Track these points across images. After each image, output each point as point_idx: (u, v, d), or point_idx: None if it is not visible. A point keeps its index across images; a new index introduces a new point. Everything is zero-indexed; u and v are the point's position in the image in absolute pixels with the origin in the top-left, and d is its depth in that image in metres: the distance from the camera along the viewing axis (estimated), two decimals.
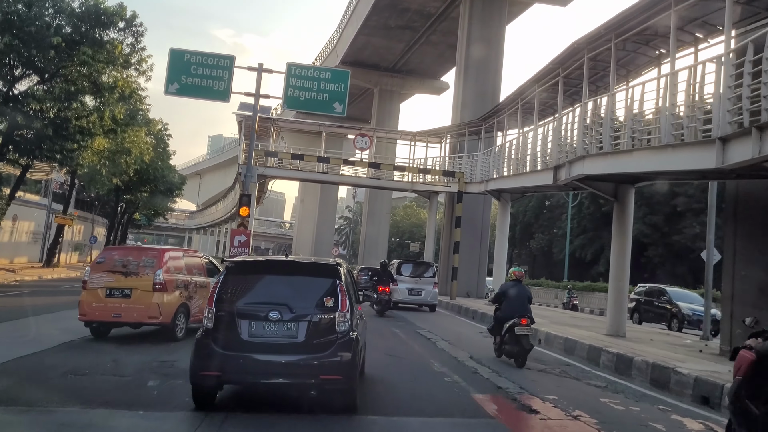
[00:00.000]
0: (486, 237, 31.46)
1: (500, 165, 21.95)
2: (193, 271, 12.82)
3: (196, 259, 13.28)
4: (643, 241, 46.91)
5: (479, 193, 25.03)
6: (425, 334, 13.97)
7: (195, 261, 13.16)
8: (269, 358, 6.29)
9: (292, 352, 6.29)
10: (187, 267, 12.62)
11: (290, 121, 33.00)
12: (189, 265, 12.72)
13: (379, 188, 36.42)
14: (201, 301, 12.56)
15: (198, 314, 12.46)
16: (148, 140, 39.14)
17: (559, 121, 14.76)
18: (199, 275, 12.96)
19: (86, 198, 48.95)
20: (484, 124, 24.66)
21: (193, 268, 12.88)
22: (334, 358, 6.30)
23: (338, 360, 6.31)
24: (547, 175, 15.41)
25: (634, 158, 10.50)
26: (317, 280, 6.77)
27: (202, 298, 12.61)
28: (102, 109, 23.82)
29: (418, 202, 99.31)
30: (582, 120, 13.02)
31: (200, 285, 12.76)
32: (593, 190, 14.22)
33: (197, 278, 12.76)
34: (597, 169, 12.25)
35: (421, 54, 47.37)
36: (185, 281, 12.26)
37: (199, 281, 12.76)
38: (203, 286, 12.77)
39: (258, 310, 6.43)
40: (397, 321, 17.45)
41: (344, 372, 6.34)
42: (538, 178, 16.75)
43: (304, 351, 6.29)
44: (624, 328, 13.63)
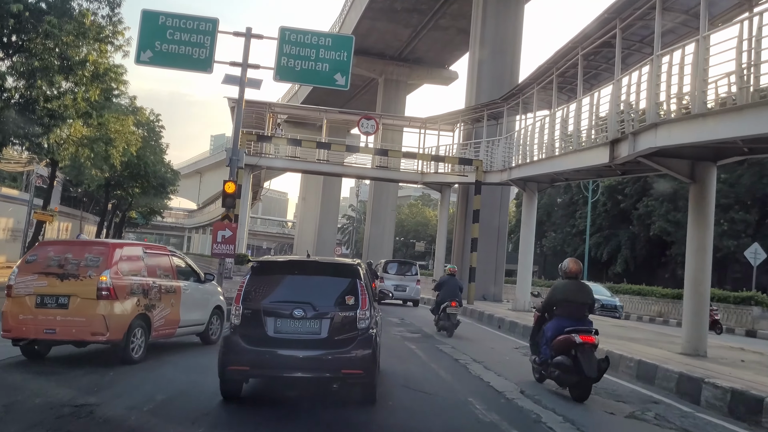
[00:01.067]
0: (503, 234, 28.63)
1: (527, 149, 19.06)
2: (157, 273, 10.04)
3: (163, 258, 10.45)
4: (665, 240, 44.27)
5: (500, 183, 22.16)
6: (449, 352, 11.17)
7: (161, 260, 10.35)
8: (294, 353, 6.57)
9: (315, 348, 6.61)
10: (149, 268, 9.84)
11: (288, 107, 30.13)
12: (151, 266, 9.94)
13: (385, 180, 33.49)
14: (168, 310, 9.90)
15: (164, 327, 9.75)
16: (136, 131, 36.47)
17: (618, 85, 11.92)
18: (166, 278, 10.20)
19: (72, 194, 46.22)
20: (506, 105, 21.76)
21: (158, 269, 10.10)
22: (356, 354, 6.60)
23: (359, 355, 6.60)
24: (600, 153, 12.53)
25: (744, 118, 7.67)
26: (338, 280, 7.09)
27: (169, 306, 9.94)
28: (75, 90, 21.07)
29: (424, 201, 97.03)
30: (654, 77, 10.19)
31: (167, 290, 10.00)
32: (663, 169, 11.33)
33: (163, 282, 10.00)
34: (678, 139, 9.38)
35: (429, 40, 44.54)
36: (145, 285, 9.49)
37: (165, 285, 10.00)
38: (171, 292, 10.07)
39: (283, 308, 6.73)
40: (409, 330, 14.66)
41: (365, 367, 6.64)
42: (586, 157, 13.73)
43: (326, 347, 6.62)
44: (705, 346, 10.77)
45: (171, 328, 10.10)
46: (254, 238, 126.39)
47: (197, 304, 10.92)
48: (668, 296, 30.26)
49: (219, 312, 11.67)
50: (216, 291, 11.88)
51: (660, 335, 15.11)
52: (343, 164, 28.20)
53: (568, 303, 8.22)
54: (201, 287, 11.15)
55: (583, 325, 7.97)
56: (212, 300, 11.46)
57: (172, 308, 10.04)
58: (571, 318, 8.10)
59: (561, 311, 8.26)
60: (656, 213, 42.85)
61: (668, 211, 42.42)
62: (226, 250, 15.07)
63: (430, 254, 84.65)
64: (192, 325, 10.76)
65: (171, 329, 10.12)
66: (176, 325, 10.22)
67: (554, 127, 16.48)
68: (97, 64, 20.34)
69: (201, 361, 9.70)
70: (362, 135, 30.79)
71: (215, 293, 11.74)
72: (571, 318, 8.10)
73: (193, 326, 10.85)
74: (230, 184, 15.05)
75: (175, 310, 10.14)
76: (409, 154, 25.21)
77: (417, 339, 13.09)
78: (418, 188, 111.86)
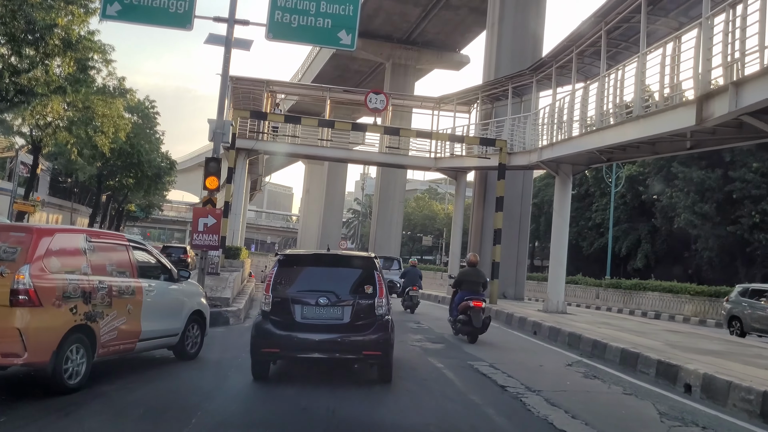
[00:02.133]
0: (525, 226, 26.02)
1: (565, 125, 16.37)
2: (108, 270, 7.56)
3: (117, 251, 7.90)
4: (690, 233, 41.73)
5: (527, 167, 19.57)
6: (488, 373, 8.55)
7: (114, 253, 7.83)
8: (320, 337, 7.41)
9: (338, 332, 7.46)
10: (95, 263, 7.36)
11: (287, 85, 27.52)
12: (99, 260, 7.47)
13: (395, 166, 30.84)
14: (124, 318, 7.53)
15: (117, 341, 7.46)
16: (127, 116, 34.04)
17: (707, 25, 9.30)
18: (121, 276, 7.75)
19: (62, 184, 43.84)
20: (534, 76, 19.10)
21: (109, 265, 7.61)
22: (374, 337, 7.48)
23: (378, 338, 7.49)
24: (680, 115, 9.86)
25: None
26: (358, 271, 7.91)
27: (125, 314, 7.54)
28: (47, 62, 18.62)
29: (431, 194, 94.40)
30: None
31: (121, 292, 7.56)
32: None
33: (116, 281, 7.55)
34: None
35: (440, 21, 41.86)
36: (86, 287, 7.04)
37: (119, 286, 7.55)
38: (128, 295, 7.66)
39: (309, 296, 7.54)
40: (429, 339, 12.16)
41: (383, 348, 7.51)
42: (657, 124, 10.78)
43: (348, 331, 7.49)
44: None
45: (128, 341, 7.67)
46: (258, 232, 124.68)
47: (167, 310, 8.50)
48: (704, 294, 27.67)
49: (199, 318, 9.25)
50: (195, 292, 9.44)
51: (731, 344, 12.55)
52: (348, 147, 25.56)
53: (469, 282, 12.41)
54: (173, 288, 8.76)
55: (477, 296, 12.03)
56: (189, 303, 9.02)
57: (129, 316, 7.61)
58: (470, 291, 12.19)
59: (465, 287, 12.39)
60: (681, 205, 40.25)
61: (694, 202, 39.85)
62: (208, 241, 12.56)
63: (438, 249, 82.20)
64: (160, 336, 8.36)
65: (128, 343, 7.68)
66: (136, 338, 7.80)
67: (603, 94, 13.80)
68: (69, 30, 17.86)
69: (171, 385, 7.45)
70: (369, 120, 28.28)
71: (193, 295, 9.30)
72: (470, 291, 12.19)
73: (162, 338, 8.44)
74: (212, 179, 12.63)
75: (133, 318, 7.70)
76: (423, 133, 22.51)
77: (441, 352, 10.57)
78: (425, 182, 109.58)
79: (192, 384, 7.57)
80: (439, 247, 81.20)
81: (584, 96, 15.16)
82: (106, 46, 30.52)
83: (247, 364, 7.72)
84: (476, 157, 22.28)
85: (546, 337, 12.96)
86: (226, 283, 14.46)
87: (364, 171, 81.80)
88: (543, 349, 11.62)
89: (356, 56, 46.50)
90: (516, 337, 13.33)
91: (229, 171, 18.53)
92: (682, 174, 40.26)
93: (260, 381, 7.54)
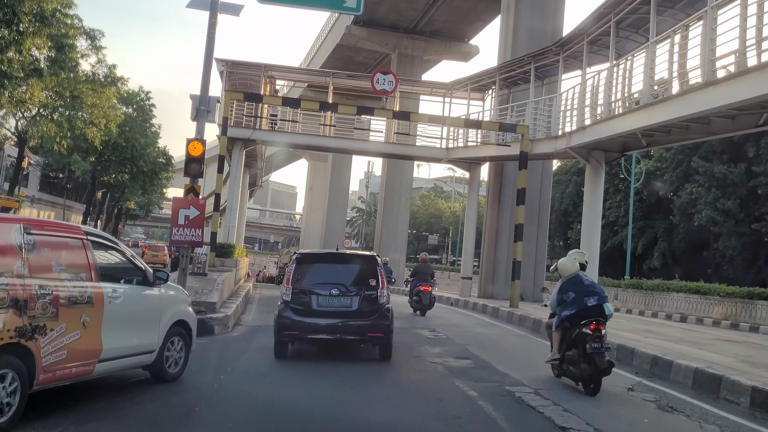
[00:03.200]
0: (545, 221, 24.17)
1: (598, 106, 14.45)
2: (54, 271, 5.81)
3: (70, 249, 6.15)
4: (712, 231, 39.93)
5: (552, 154, 17.68)
6: (539, 406, 6.53)
7: (65, 251, 6.09)
8: (332, 321, 9.03)
9: (347, 317, 9.06)
10: (34, 262, 5.59)
11: (287, 69, 25.62)
12: (41, 259, 5.71)
13: (403, 157, 28.92)
14: (77, 333, 5.83)
15: (67, 363, 5.77)
16: (118, 105, 32.35)
17: None
18: (75, 279, 6.01)
19: (54, 179, 42.13)
20: (562, 52, 17.17)
21: (56, 265, 5.89)
22: (377, 322, 9.08)
23: (380, 323, 9.09)
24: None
25: None
26: (363, 267, 9.56)
27: (78, 327, 5.85)
28: (19, 40, 16.84)
29: (436, 192, 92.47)
30: None
31: (74, 299, 5.84)
32: None
33: (65, 286, 5.82)
34: None
35: (448, 9, 39.95)
36: (19, 293, 5.32)
37: (69, 292, 5.82)
38: (82, 303, 5.97)
39: (322, 288, 9.10)
40: (452, 354, 10.31)
41: (384, 331, 9.13)
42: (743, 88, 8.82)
43: (356, 317, 9.07)
44: None
45: (83, 363, 5.97)
46: (260, 231, 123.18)
47: (139, 321, 6.84)
48: (735, 295, 25.76)
49: (183, 329, 7.57)
50: (177, 298, 7.73)
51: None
52: (353, 136, 23.69)
53: (420, 273, 16.93)
54: (148, 293, 7.03)
55: (426, 283, 16.42)
56: (169, 312, 7.34)
57: (84, 330, 5.93)
58: (421, 280, 16.62)
59: (417, 276, 16.82)
60: (702, 201, 38.44)
61: (716, 198, 38.04)
62: (190, 237, 10.76)
63: (444, 248, 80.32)
64: (129, 354, 6.66)
65: (83, 365, 5.98)
66: (95, 358, 6.10)
67: (653, 63, 11.86)
68: (42, 2, 16.07)
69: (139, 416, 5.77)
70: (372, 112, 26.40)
71: (175, 301, 7.59)
72: (421, 280, 16.62)
73: (131, 356, 6.72)
74: (195, 144, 10.76)
75: (91, 332, 6.02)
76: (435, 118, 20.60)
77: (469, 372, 8.61)
78: (431, 180, 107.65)
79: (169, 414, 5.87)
80: (445, 246, 79.40)
81: (626, 69, 13.09)
82: (95, 31, 28.77)
83: (230, 388, 7.07)
84: (494, 146, 20.39)
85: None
86: (213, 285, 12.64)
87: (368, 169, 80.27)
88: None
89: (360, 47, 44.78)
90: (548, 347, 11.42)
91: (220, 159, 16.75)
92: (702, 169, 38.51)
93: (281, 359, 9.05)
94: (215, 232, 17.47)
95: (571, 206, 52.83)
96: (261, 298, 20.18)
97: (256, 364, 8.68)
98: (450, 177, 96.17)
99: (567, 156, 18.20)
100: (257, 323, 13.03)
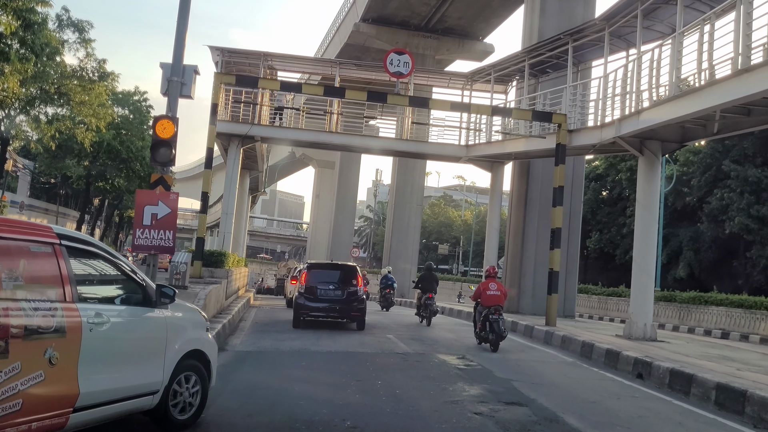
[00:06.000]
0: (576, 226, 21.72)
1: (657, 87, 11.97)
2: (4, 287, 4.05)
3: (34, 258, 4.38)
4: (745, 239, 37.40)
5: (595, 147, 15.11)
6: None
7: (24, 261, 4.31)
8: (329, 305, 14.48)
9: (339, 303, 14.51)
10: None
11: (289, 58, 23.22)
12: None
13: (417, 156, 26.42)
14: (37, 376, 4.10)
15: (18, 417, 3.99)
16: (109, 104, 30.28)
17: None
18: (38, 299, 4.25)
19: (45, 185, 40.06)
20: (607, 26, 14.58)
21: (6, 278, 4.09)
22: (357, 306, 14.53)
23: (358, 307, 14.55)
24: None
25: None
26: (348, 272, 15.27)
27: (42, 365, 4.14)
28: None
29: (446, 201, 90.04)
30: None
31: (33, 330, 4.11)
32: None
33: (20, 309, 4.07)
34: None
35: (462, 5, 37.72)
36: None
37: (27, 319, 4.09)
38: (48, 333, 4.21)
39: (323, 284, 14.58)
40: (498, 396, 7.84)
41: (361, 312, 14.61)
42: None
43: (344, 303, 14.52)
44: None
45: (50, 414, 4.24)
46: (267, 240, 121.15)
47: (135, 353, 5.06)
48: None
49: (198, 362, 5.72)
50: (189, 321, 5.81)
51: None
52: (361, 132, 21.43)
53: (425, 281, 17.17)
54: (147, 317, 5.21)
55: (432, 291, 16.89)
56: (179, 340, 5.49)
57: (51, 369, 4.23)
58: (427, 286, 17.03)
59: (423, 285, 17.14)
60: (734, 206, 35.93)
61: (750, 204, 35.56)
62: (158, 241, 8.38)
63: (455, 257, 77.76)
64: (118, 399, 4.81)
65: (51, 417, 4.25)
66: (68, 406, 4.36)
67: (746, 21, 9.36)
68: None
69: None
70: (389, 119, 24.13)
71: (186, 326, 5.72)
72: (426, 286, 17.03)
73: (124, 401, 4.86)
74: (165, 124, 8.45)
75: (61, 371, 4.30)
76: (458, 105, 18.13)
77: (532, 427, 6.20)
78: (440, 188, 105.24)
79: None
80: (455, 256, 76.87)
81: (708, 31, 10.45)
82: (83, 23, 26.65)
83: None
84: (523, 140, 17.94)
85: (665, 385, 8.54)
86: (194, 300, 10.24)
87: (376, 177, 78.32)
88: (691, 417, 7.17)
89: (369, 46, 42.65)
90: (618, 384, 8.87)
91: (207, 152, 14.46)
92: (735, 172, 36.07)
93: (297, 328, 14.16)
94: (202, 238, 15.12)
95: (590, 214, 50.33)
96: (259, 312, 17.85)
97: (230, 416, 6.16)
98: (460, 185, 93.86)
99: (612, 149, 15.81)
100: (247, 347, 10.63)
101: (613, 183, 48.00)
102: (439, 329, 15.81)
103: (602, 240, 49.62)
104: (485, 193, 78.27)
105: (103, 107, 28.03)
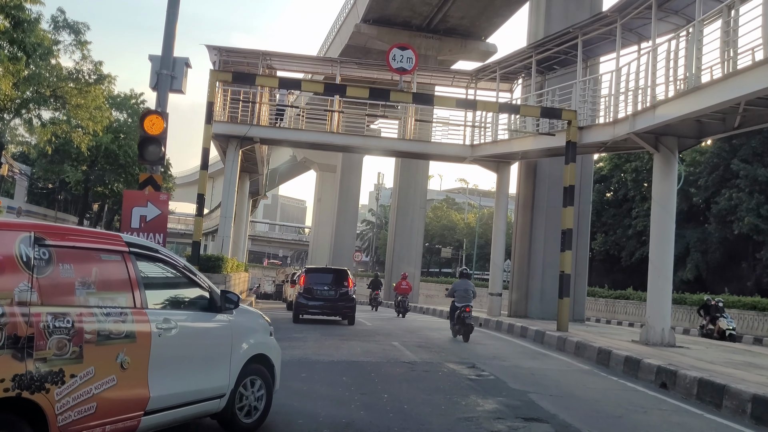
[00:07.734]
0: (585, 227, 21.16)
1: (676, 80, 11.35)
2: (77, 295, 4.13)
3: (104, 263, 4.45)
4: (753, 240, 36.83)
5: (607, 144, 14.53)
6: None
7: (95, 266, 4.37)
8: (324, 304, 17.25)
9: (332, 301, 17.23)
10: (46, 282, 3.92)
11: (288, 57, 22.63)
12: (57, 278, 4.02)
13: (420, 156, 25.92)
14: (111, 380, 4.20)
15: (93, 421, 4.09)
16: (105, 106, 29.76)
17: None
18: (109, 306, 4.35)
19: (43, 190, 39.56)
20: (620, 18, 13.96)
21: (80, 286, 4.16)
22: (348, 304, 17.29)
23: (349, 305, 17.32)
24: None
25: None
26: (340, 274, 18.00)
27: (115, 370, 4.25)
28: None
29: (449, 203, 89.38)
30: None
31: (106, 334, 4.23)
32: None
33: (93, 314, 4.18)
34: None
35: (464, 4, 37.24)
36: (19, 327, 3.67)
37: (100, 324, 4.20)
38: (119, 337, 4.32)
39: (319, 285, 17.24)
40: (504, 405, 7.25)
41: (352, 309, 17.35)
42: None
43: (336, 301, 17.24)
44: None
45: (123, 417, 4.33)
46: (269, 245, 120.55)
47: (202, 357, 5.16)
48: None
49: (263, 366, 5.84)
50: (253, 325, 5.96)
51: None
52: (363, 132, 20.91)
53: (460, 290, 15.03)
54: (212, 321, 5.32)
55: (467, 302, 14.62)
56: (244, 344, 5.61)
57: (123, 373, 4.32)
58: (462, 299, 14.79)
59: (457, 295, 14.96)
60: (744, 207, 35.35)
61: (760, 204, 35.03)
62: None
63: (458, 261, 77.10)
64: (187, 403, 4.91)
65: (123, 420, 4.34)
66: (139, 409, 4.44)
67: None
68: None
69: None
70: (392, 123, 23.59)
71: (251, 330, 5.85)
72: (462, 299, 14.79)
73: (192, 404, 4.96)
74: (154, 119, 7.92)
75: (133, 375, 4.41)
76: (463, 102, 17.61)
77: None
78: (442, 192, 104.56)
79: None
80: (458, 259, 76.24)
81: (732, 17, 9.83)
82: (79, 24, 26.20)
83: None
84: (531, 138, 17.35)
85: (692, 396, 7.93)
86: None
87: (378, 181, 77.82)
88: None
89: (370, 47, 42.19)
90: (641, 396, 8.23)
91: (204, 153, 13.91)
92: (744, 172, 35.50)
93: (296, 323, 16.80)
94: (198, 242, 14.58)
95: (595, 215, 49.73)
96: None
97: None
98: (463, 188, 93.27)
99: (624, 146, 15.20)
100: None
101: (618, 184, 47.48)
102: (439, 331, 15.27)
103: (607, 242, 49.04)
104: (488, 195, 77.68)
105: (100, 110, 27.58)
